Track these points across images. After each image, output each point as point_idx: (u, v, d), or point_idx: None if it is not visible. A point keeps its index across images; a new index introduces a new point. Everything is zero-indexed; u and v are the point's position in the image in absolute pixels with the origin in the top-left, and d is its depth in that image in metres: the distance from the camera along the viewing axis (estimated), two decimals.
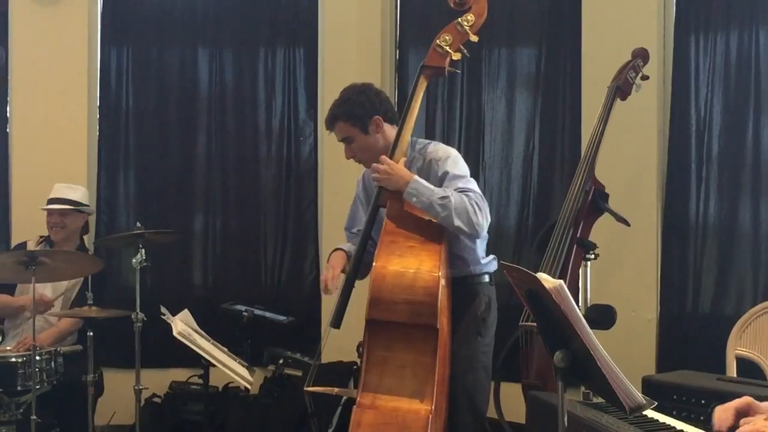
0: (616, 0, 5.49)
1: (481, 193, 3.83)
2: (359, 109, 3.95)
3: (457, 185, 3.79)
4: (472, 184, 3.86)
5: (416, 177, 3.77)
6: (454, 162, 3.92)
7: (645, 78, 4.86)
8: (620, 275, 5.30)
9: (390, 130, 3.98)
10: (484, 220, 3.76)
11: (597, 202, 4.65)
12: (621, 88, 4.78)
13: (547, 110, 5.80)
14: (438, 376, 3.57)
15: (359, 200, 4.23)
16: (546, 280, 2.37)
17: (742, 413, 2.50)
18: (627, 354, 4.43)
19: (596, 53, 5.46)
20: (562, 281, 2.35)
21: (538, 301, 2.47)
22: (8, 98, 6.19)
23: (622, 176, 5.26)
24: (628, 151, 5.35)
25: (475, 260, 4.00)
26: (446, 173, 3.84)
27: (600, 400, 2.98)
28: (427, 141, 4.11)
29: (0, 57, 6.20)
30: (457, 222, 3.70)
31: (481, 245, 4.03)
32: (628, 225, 4.71)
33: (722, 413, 2.51)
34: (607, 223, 4.75)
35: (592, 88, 5.35)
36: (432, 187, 3.75)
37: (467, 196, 3.74)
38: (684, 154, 5.39)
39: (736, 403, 2.52)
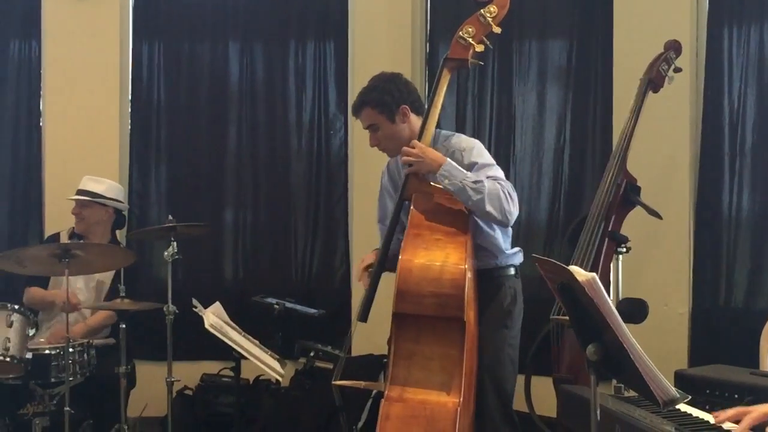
0: None
1: (510, 183, 3.82)
2: (388, 97, 3.95)
3: (487, 174, 3.79)
4: (501, 173, 3.86)
5: (449, 159, 3.77)
6: (480, 152, 3.91)
7: (678, 70, 4.82)
8: (652, 269, 5.27)
9: (416, 121, 3.98)
10: (514, 208, 3.75)
11: (629, 196, 4.63)
12: (653, 81, 4.74)
13: (579, 103, 5.78)
14: (466, 368, 3.57)
15: (386, 191, 4.23)
16: (579, 273, 2.36)
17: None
18: (659, 348, 4.38)
19: (628, 45, 5.43)
20: (595, 274, 2.34)
21: (571, 295, 2.46)
22: (41, 92, 6.24)
23: (654, 169, 5.23)
24: (661, 144, 5.32)
25: (500, 252, 3.99)
26: (474, 163, 3.83)
27: (632, 393, 2.97)
28: (450, 133, 4.10)
29: (33, 52, 6.25)
30: (489, 207, 3.70)
31: (504, 237, 4.02)
32: (661, 218, 4.68)
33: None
34: (639, 217, 4.73)
35: (624, 80, 5.32)
36: (464, 170, 3.75)
37: (499, 183, 3.74)
38: (717, 146, 5.36)
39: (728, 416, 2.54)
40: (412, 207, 3.82)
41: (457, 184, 3.71)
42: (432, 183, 3.84)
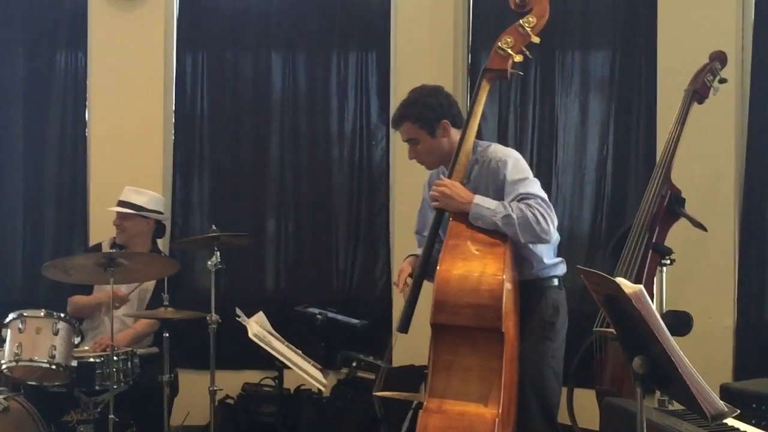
0: (693, 1, 5.42)
1: (543, 197, 3.76)
2: (429, 111, 3.93)
3: (518, 191, 3.75)
4: (534, 187, 3.80)
5: (476, 200, 3.74)
6: (515, 165, 3.86)
7: (723, 81, 4.79)
8: (696, 281, 5.22)
9: (456, 135, 3.95)
10: (549, 225, 3.70)
11: (673, 207, 4.60)
12: (698, 92, 4.72)
13: (622, 114, 5.75)
14: (505, 380, 3.54)
15: (427, 204, 4.22)
16: (626, 285, 2.35)
17: None
18: (703, 361, 4.33)
19: (672, 56, 5.40)
20: (642, 286, 2.33)
21: (617, 307, 2.45)
22: (87, 102, 6.30)
23: (698, 180, 5.19)
24: (705, 155, 5.28)
25: (541, 263, 3.96)
26: (506, 179, 3.81)
27: (676, 406, 2.95)
28: (487, 143, 4.06)
29: (79, 62, 6.32)
30: (524, 237, 3.70)
31: (547, 248, 3.99)
32: (705, 230, 4.65)
33: None
34: (683, 228, 4.69)
35: (668, 91, 5.29)
36: (492, 205, 3.71)
37: (528, 205, 3.69)
38: (762, 157, 5.31)
39: None
40: (450, 218, 3.81)
41: (488, 223, 3.69)
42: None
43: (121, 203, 5.40)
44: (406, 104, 4.02)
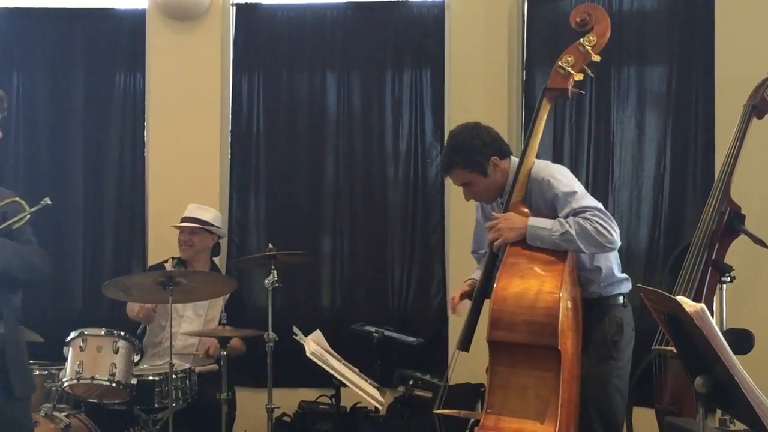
0: (752, 15, 5.36)
1: (599, 207, 3.73)
2: (476, 154, 3.88)
3: (572, 207, 3.72)
4: (586, 199, 3.76)
5: (530, 222, 3.72)
6: (561, 181, 3.84)
7: None
8: (757, 298, 5.15)
9: (506, 164, 3.94)
10: (612, 234, 3.67)
11: (733, 224, 4.54)
12: (757, 107, 4.65)
13: (679, 130, 5.68)
14: (563, 398, 3.52)
15: (480, 225, 4.21)
16: (687, 303, 2.33)
17: None
18: (765, 380, 4.30)
19: (730, 70, 5.33)
20: (703, 305, 2.31)
21: (678, 325, 2.43)
22: (145, 123, 6.39)
23: (758, 196, 5.11)
24: (765, 171, 5.20)
25: (607, 279, 3.94)
26: (555, 196, 3.79)
27: (738, 426, 2.91)
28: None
29: (138, 84, 6.41)
30: (587, 249, 3.69)
31: (614, 264, 3.97)
32: (766, 246, 4.58)
33: None
34: (743, 245, 4.63)
35: (726, 106, 5.22)
36: (548, 225, 3.69)
37: (585, 218, 3.67)
38: None
39: None
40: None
41: (547, 242, 3.68)
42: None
43: (189, 219, 5.47)
44: (451, 152, 3.97)
